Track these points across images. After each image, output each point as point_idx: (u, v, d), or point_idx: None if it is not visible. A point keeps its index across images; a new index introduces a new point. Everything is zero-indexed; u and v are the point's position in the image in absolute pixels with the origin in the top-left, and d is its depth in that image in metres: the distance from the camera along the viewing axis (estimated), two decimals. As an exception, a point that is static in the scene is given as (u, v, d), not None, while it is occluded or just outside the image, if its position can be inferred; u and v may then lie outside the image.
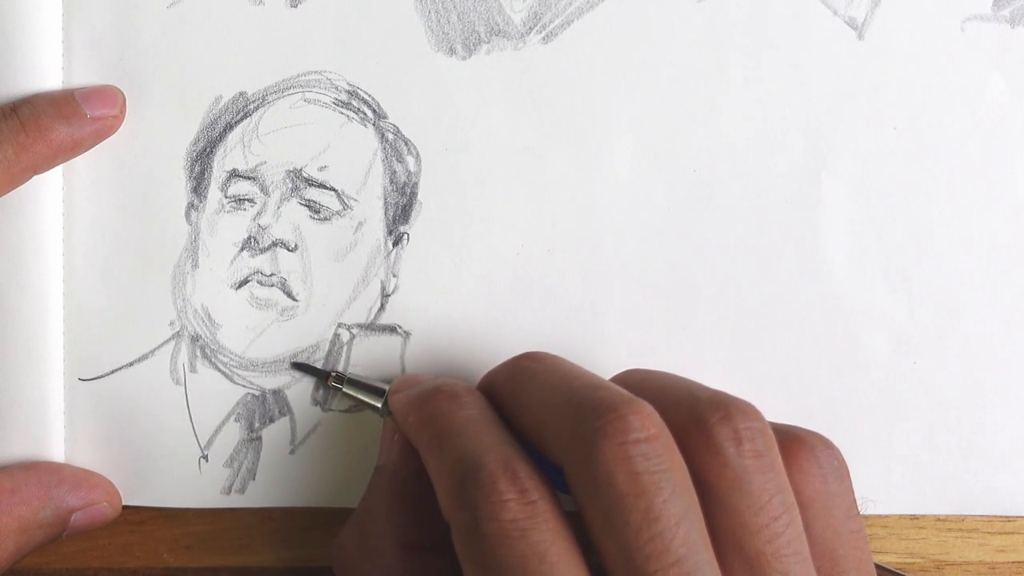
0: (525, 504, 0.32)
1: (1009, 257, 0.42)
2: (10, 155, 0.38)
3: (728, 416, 0.33)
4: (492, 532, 0.32)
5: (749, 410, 0.34)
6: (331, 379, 0.41)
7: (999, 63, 0.42)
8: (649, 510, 0.31)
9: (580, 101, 0.42)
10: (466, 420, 0.35)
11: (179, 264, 0.41)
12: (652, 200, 0.42)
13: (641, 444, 0.32)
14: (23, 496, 0.39)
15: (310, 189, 0.41)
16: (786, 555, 0.32)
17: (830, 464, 0.35)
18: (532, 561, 0.31)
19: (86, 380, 0.41)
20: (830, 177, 0.42)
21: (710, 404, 0.33)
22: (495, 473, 0.32)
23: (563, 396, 0.34)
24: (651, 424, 0.32)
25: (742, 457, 0.33)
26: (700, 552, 0.31)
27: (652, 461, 0.32)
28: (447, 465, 0.34)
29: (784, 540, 0.32)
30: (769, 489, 0.33)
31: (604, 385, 0.34)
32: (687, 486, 0.32)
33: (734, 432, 0.33)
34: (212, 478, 0.41)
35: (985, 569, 0.43)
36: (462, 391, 0.36)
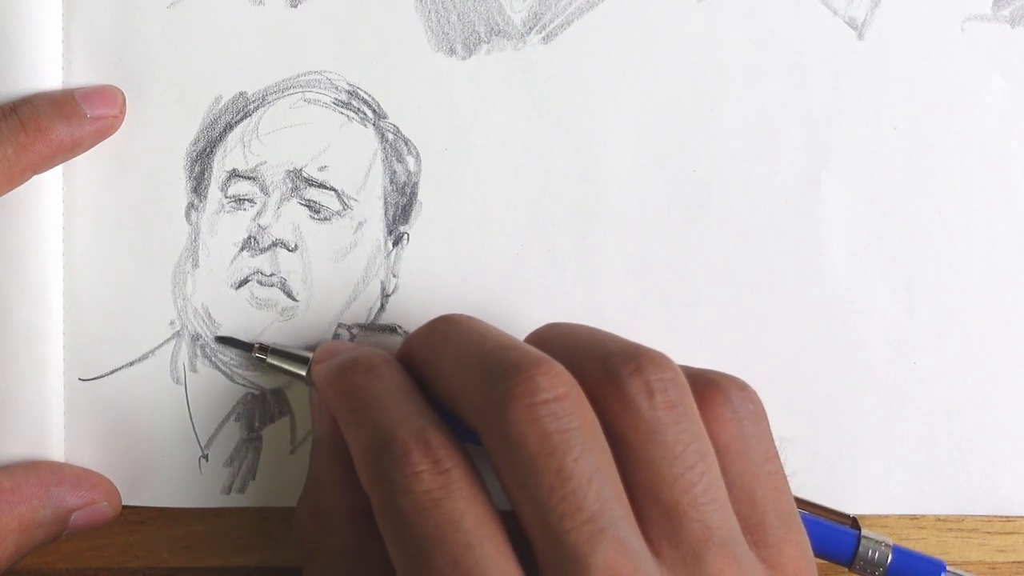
0: (438, 474, 0.32)
1: (1009, 257, 0.42)
2: (10, 155, 0.38)
3: (639, 368, 0.33)
4: (406, 504, 0.32)
5: (661, 360, 0.33)
6: (255, 350, 0.41)
7: (999, 63, 0.42)
8: (560, 469, 0.31)
9: (580, 101, 0.42)
10: (381, 392, 0.35)
11: (179, 264, 0.41)
12: (652, 200, 0.42)
13: (550, 404, 0.32)
14: (23, 495, 0.39)
15: (310, 189, 0.41)
16: (703, 503, 0.32)
17: (745, 407, 0.35)
18: (447, 530, 0.31)
19: (86, 380, 0.41)
20: (830, 177, 0.42)
21: (622, 357, 0.33)
22: (407, 445, 0.32)
23: (474, 359, 0.34)
24: (559, 383, 0.32)
25: (655, 409, 0.33)
26: (614, 507, 0.31)
27: (561, 420, 0.32)
28: (363, 439, 0.34)
29: (701, 488, 0.32)
30: (683, 439, 0.33)
31: (514, 345, 0.34)
32: (599, 442, 0.32)
33: (646, 384, 0.33)
34: (212, 478, 0.41)
35: (985, 569, 0.43)
36: (379, 362, 0.36)
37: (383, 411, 0.34)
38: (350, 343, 0.41)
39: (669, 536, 0.32)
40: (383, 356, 0.37)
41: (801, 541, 0.35)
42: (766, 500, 0.34)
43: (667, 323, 0.42)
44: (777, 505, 0.35)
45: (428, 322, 0.37)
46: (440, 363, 0.35)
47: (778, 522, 0.34)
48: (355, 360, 0.36)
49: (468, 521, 0.32)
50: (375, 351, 0.37)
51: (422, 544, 0.32)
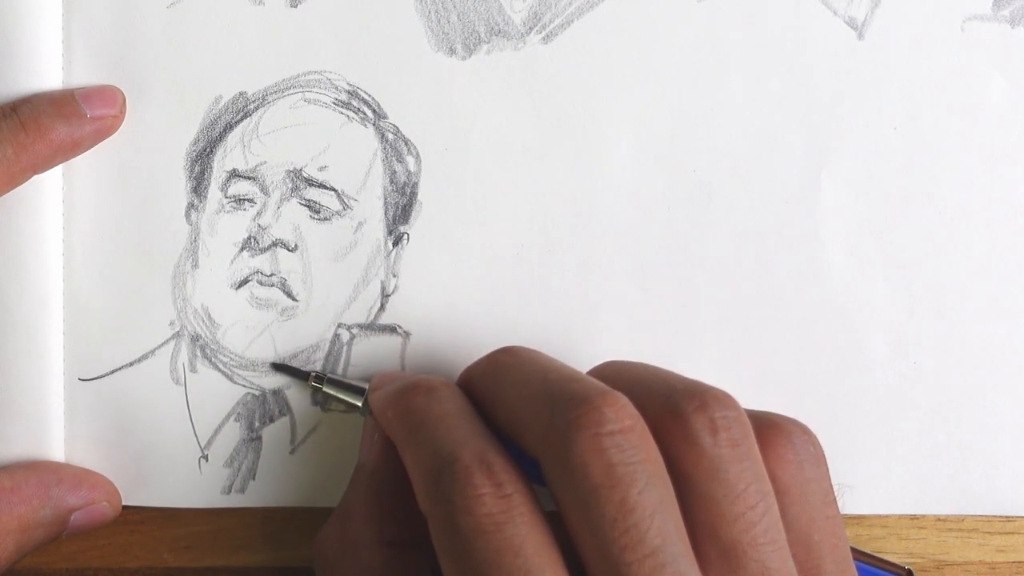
0: (500, 498, 0.32)
1: (1009, 257, 0.42)
2: (10, 154, 0.38)
3: (704, 405, 0.33)
4: (467, 526, 0.32)
5: (725, 399, 0.34)
6: (311, 380, 0.41)
7: (999, 63, 0.42)
8: (624, 501, 0.31)
9: (580, 101, 0.42)
10: (442, 414, 0.35)
11: (179, 264, 0.41)
12: (652, 200, 0.42)
13: (615, 436, 0.32)
14: (23, 495, 0.39)
15: (310, 189, 0.41)
16: (763, 544, 0.32)
17: (806, 450, 0.35)
18: (507, 555, 0.31)
19: (86, 380, 0.41)
20: (830, 177, 0.42)
21: (686, 394, 0.33)
22: (470, 467, 0.32)
23: (538, 389, 0.34)
24: (625, 415, 0.32)
25: (718, 446, 0.33)
26: (675, 543, 0.31)
27: (626, 453, 0.32)
28: (423, 459, 0.34)
29: (761, 529, 0.32)
30: (745, 478, 0.33)
31: (579, 377, 0.34)
32: (662, 477, 0.32)
33: (710, 421, 0.33)
34: (212, 478, 0.41)
35: (985, 569, 0.43)
36: (439, 385, 0.36)
37: (445, 432, 0.34)
38: (406, 372, 0.41)
39: (726, 575, 0.32)
40: (443, 381, 0.37)
41: None
42: (823, 545, 0.34)
43: (667, 323, 0.42)
44: (834, 551, 0.34)
45: (489, 353, 0.37)
46: (502, 392, 0.35)
47: (834, 568, 0.34)
48: (415, 383, 0.36)
49: (529, 547, 0.32)
50: (435, 377, 0.37)
51: (481, 567, 0.31)
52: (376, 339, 0.42)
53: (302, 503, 0.42)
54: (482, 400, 0.36)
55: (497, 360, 0.36)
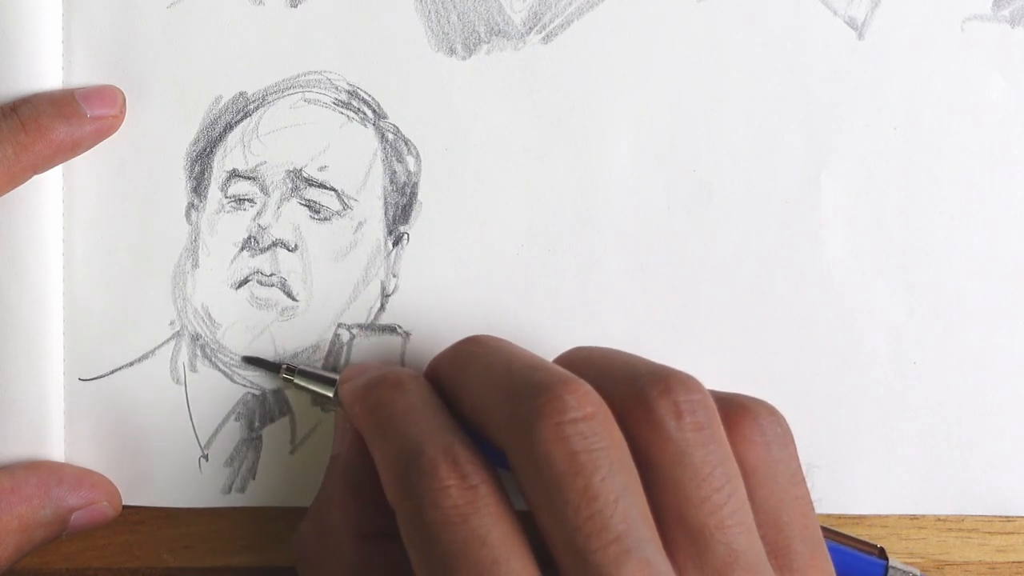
0: (466, 489, 0.32)
1: (1009, 257, 0.42)
2: (10, 154, 0.38)
3: (668, 389, 0.33)
4: (434, 519, 0.32)
5: (689, 382, 0.33)
6: (283, 371, 0.41)
7: (999, 63, 0.42)
8: (587, 489, 0.31)
9: (580, 101, 0.42)
10: (408, 407, 0.35)
11: (179, 264, 0.41)
12: (652, 200, 0.42)
13: (578, 423, 0.32)
14: (23, 495, 0.39)
15: (310, 189, 0.41)
16: (730, 526, 0.32)
17: (773, 431, 0.35)
18: (474, 545, 0.31)
19: (86, 380, 0.41)
20: (830, 177, 0.42)
21: (649, 378, 0.33)
22: (435, 459, 0.32)
23: (502, 379, 0.34)
24: (587, 403, 0.32)
25: (682, 430, 0.33)
26: (640, 528, 0.31)
27: (589, 440, 0.32)
28: (390, 453, 0.34)
29: (727, 511, 0.32)
30: (711, 461, 0.33)
31: (542, 366, 0.34)
32: (626, 463, 0.32)
33: (674, 405, 0.33)
34: (212, 478, 0.42)
35: (985, 569, 0.43)
36: (406, 378, 0.36)
37: (410, 426, 0.34)
38: (376, 363, 0.41)
39: (695, 558, 0.32)
40: (410, 373, 0.37)
41: (826, 567, 0.35)
42: (792, 525, 0.34)
43: (667, 323, 0.42)
44: (803, 531, 0.34)
45: (455, 343, 0.37)
46: (467, 382, 0.35)
47: (803, 548, 0.34)
48: (383, 376, 0.36)
49: (495, 537, 0.32)
50: (402, 369, 0.37)
51: (448, 559, 0.32)
52: (376, 339, 0.42)
53: (302, 503, 0.42)
54: (448, 391, 0.36)
55: (462, 350, 0.36)
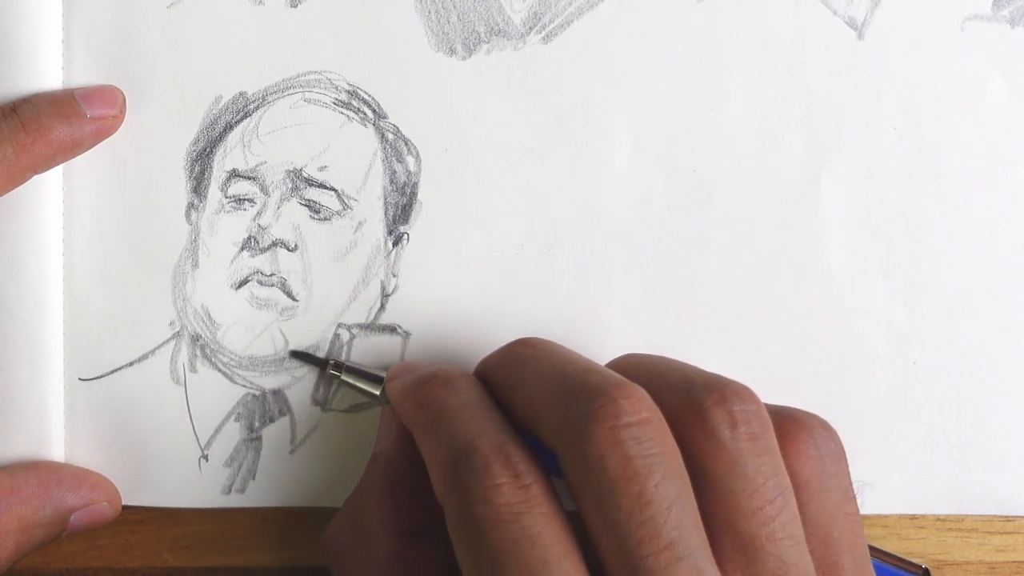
0: (518, 488, 0.32)
1: (1009, 257, 0.42)
2: (10, 154, 0.38)
3: (723, 399, 0.33)
4: (485, 516, 0.32)
5: (744, 392, 0.33)
6: (329, 367, 0.41)
7: (999, 63, 0.42)
8: (641, 494, 0.31)
9: (580, 101, 0.42)
10: (460, 405, 0.35)
11: (179, 264, 0.41)
12: (652, 200, 0.42)
13: (632, 428, 0.32)
14: (23, 495, 0.39)
15: (310, 189, 0.41)
16: (780, 538, 0.32)
17: (827, 446, 0.35)
18: (525, 544, 0.31)
19: (86, 380, 0.41)
20: (830, 177, 0.42)
21: (705, 387, 0.33)
22: (488, 457, 0.32)
23: (556, 381, 0.34)
24: (643, 408, 0.32)
25: (737, 440, 0.33)
26: (692, 536, 0.31)
27: (643, 445, 0.32)
28: (441, 449, 0.34)
29: (779, 523, 0.32)
30: (764, 472, 0.33)
31: (597, 369, 0.34)
32: (679, 470, 0.32)
33: (729, 415, 0.33)
34: (212, 478, 0.41)
35: (985, 569, 0.43)
36: (457, 376, 0.36)
37: (463, 422, 0.34)
38: (424, 363, 0.41)
39: (744, 568, 0.32)
40: (461, 372, 0.37)
41: None
42: (842, 541, 0.34)
43: (667, 323, 0.42)
44: (852, 547, 0.34)
45: (505, 345, 0.37)
46: (520, 384, 0.35)
47: (851, 565, 0.34)
48: (433, 374, 0.36)
49: (546, 537, 0.32)
50: (453, 368, 0.37)
51: (498, 557, 0.31)
52: (376, 339, 0.42)
53: (302, 503, 0.42)
54: (499, 392, 0.36)
55: (514, 352, 0.36)
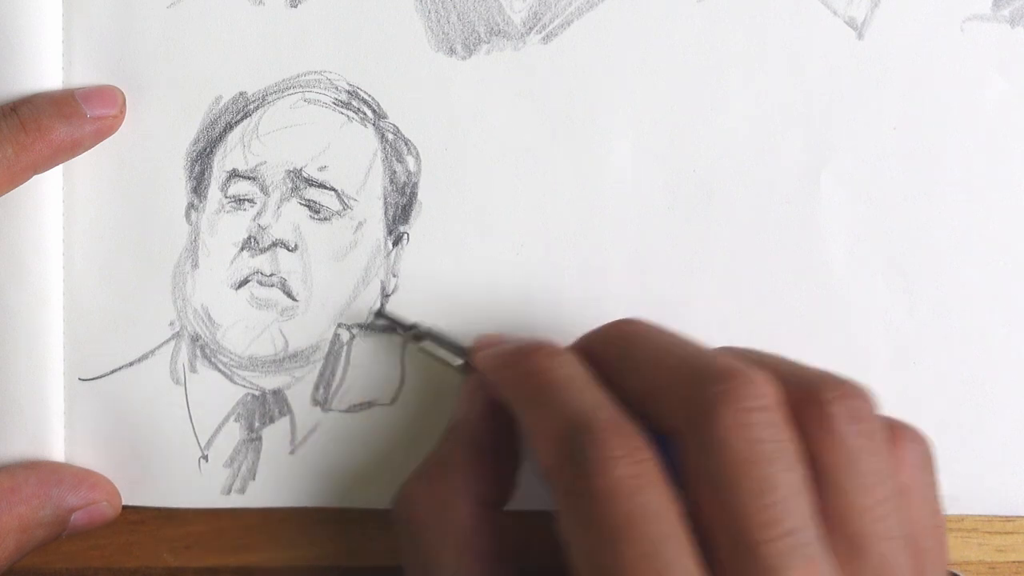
0: (635, 463, 0.32)
1: (1009, 257, 0.42)
2: (10, 154, 0.38)
3: (844, 395, 0.33)
4: (601, 488, 0.31)
5: (863, 391, 0.33)
6: (412, 332, 0.40)
7: (999, 63, 0.42)
8: (767, 478, 0.31)
9: (580, 101, 0.42)
10: (568, 377, 0.34)
11: (179, 264, 0.41)
12: (652, 200, 0.42)
13: (761, 412, 0.31)
14: (23, 495, 0.39)
15: (310, 189, 0.41)
16: (888, 539, 0.32)
17: (926, 455, 0.35)
18: (641, 521, 0.31)
19: (86, 380, 0.41)
20: (830, 177, 0.42)
21: (825, 381, 0.33)
22: (607, 429, 0.32)
23: (676, 360, 0.33)
24: (771, 392, 0.32)
25: (855, 436, 0.33)
26: (811, 526, 0.31)
27: (771, 430, 0.31)
28: (551, 421, 0.33)
29: (890, 523, 0.32)
30: (878, 471, 0.33)
31: (717, 352, 0.34)
32: (801, 460, 0.32)
33: (849, 411, 0.33)
34: (212, 478, 0.41)
35: (985, 569, 0.43)
36: (562, 349, 0.36)
37: (574, 395, 0.33)
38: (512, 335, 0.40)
39: (849, 564, 0.32)
40: (561, 345, 0.36)
41: None
42: (930, 552, 0.34)
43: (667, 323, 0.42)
44: (938, 559, 0.34)
45: (609, 323, 0.36)
46: (631, 361, 0.35)
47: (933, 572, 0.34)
48: (539, 345, 0.36)
49: (664, 513, 0.31)
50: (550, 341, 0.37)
51: (616, 531, 0.31)
52: (376, 339, 0.42)
53: (302, 503, 0.42)
54: (606, 368, 0.35)
55: (623, 329, 0.36)
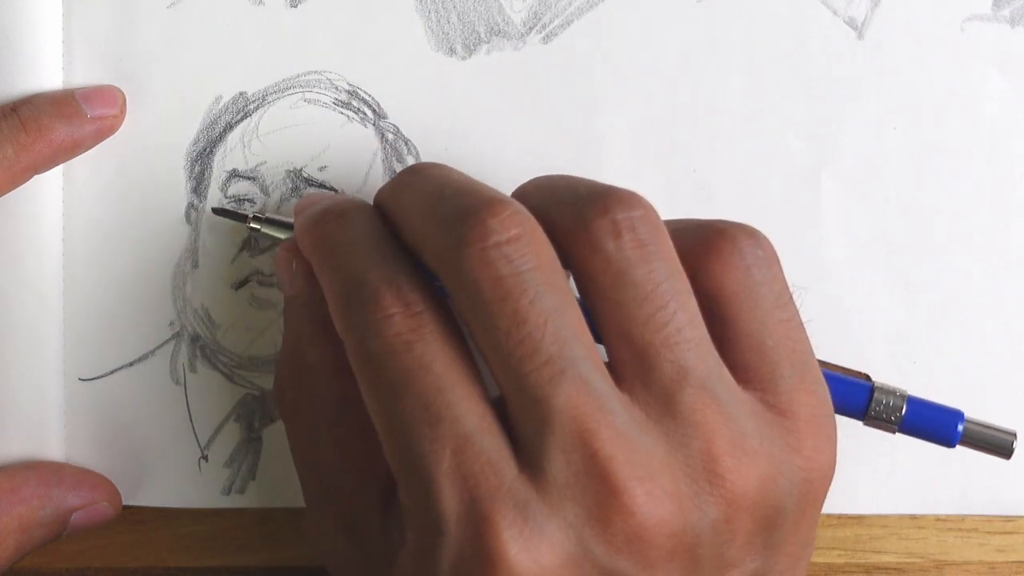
0: (409, 317, 0.32)
1: (1009, 257, 0.42)
2: (10, 154, 0.38)
3: (605, 208, 0.32)
4: (377, 348, 0.32)
5: (629, 198, 0.33)
6: (250, 220, 0.39)
7: (999, 63, 0.42)
8: (516, 313, 0.31)
9: (580, 101, 0.42)
10: (352, 238, 0.34)
11: (179, 264, 0.41)
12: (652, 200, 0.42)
13: (502, 247, 0.31)
14: (23, 495, 0.39)
15: (310, 189, 0.41)
16: (676, 343, 0.32)
17: (754, 254, 0.34)
18: (418, 373, 0.31)
19: (86, 380, 0.41)
20: (830, 177, 0.42)
21: (588, 199, 0.33)
22: (378, 288, 0.32)
23: (433, 206, 0.33)
24: (512, 224, 0.32)
25: (622, 249, 0.32)
26: (573, 348, 0.31)
27: (515, 263, 0.31)
28: (335, 285, 0.33)
29: (673, 328, 0.32)
30: (654, 278, 0.32)
31: (471, 190, 0.33)
32: (556, 283, 0.32)
33: (612, 224, 0.32)
34: (212, 478, 0.41)
35: (985, 569, 0.43)
36: (351, 208, 0.35)
37: (354, 256, 0.34)
38: (330, 193, 0.40)
39: (642, 377, 0.32)
40: (357, 203, 0.36)
41: (818, 390, 0.34)
42: (778, 349, 0.34)
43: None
44: (790, 354, 0.34)
45: (398, 173, 0.36)
46: (404, 213, 0.34)
47: (791, 371, 0.33)
48: (328, 208, 0.36)
49: (440, 364, 0.31)
50: (349, 198, 0.36)
51: (393, 387, 0.31)
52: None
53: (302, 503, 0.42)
54: (391, 222, 0.35)
55: (402, 180, 0.36)
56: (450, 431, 0.31)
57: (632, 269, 0.32)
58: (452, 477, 0.31)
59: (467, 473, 0.31)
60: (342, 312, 0.33)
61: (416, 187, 0.35)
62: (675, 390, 0.32)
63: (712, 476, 0.32)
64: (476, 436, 0.31)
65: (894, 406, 0.37)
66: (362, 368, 0.32)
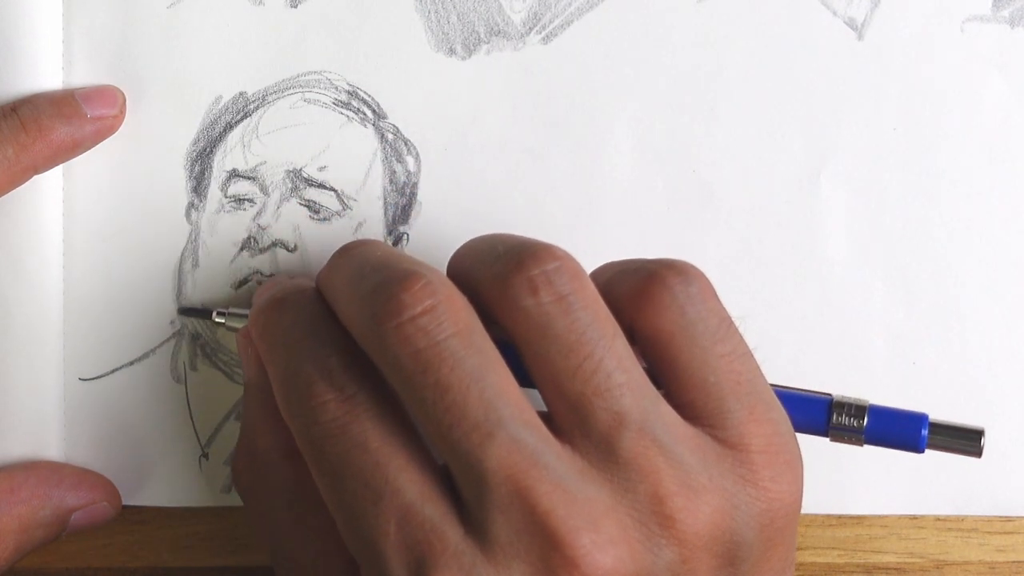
0: (342, 401, 0.33)
1: (1009, 257, 0.42)
2: (10, 155, 0.38)
3: (520, 266, 0.32)
4: (317, 435, 0.33)
5: (543, 253, 0.33)
6: (214, 316, 0.40)
7: (999, 63, 0.42)
8: (438, 383, 0.31)
9: (580, 101, 0.42)
10: (289, 326, 0.35)
11: (179, 264, 0.41)
12: (652, 200, 0.42)
13: (417, 320, 0.32)
14: (23, 496, 0.39)
15: (310, 189, 0.41)
16: (606, 389, 0.32)
17: (685, 292, 0.34)
18: (355, 453, 0.32)
19: (86, 380, 0.41)
20: (830, 177, 0.42)
21: (504, 258, 0.33)
22: (311, 377, 0.33)
23: (355, 286, 0.34)
24: (424, 295, 0.32)
25: (540, 304, 0.32)
26: (500, 409, 0.31)
27: (431, 334, 0.31)
28: (277, 376, 0.34)
29: (602, 375, 0.32)
30: (576, 328, 0.32)
31: (387, 265, 0.33)
32: (476, 346, 0.32)
33: (528, 281, 0.32)
34: (212, 477, 0.42)
35: (985, 569, 0.43)
36: (289, 296, 0.36)
37: (291, 346, 0.34)
38: (284, 279, 0.40)
39: (580, 427, 0.32)
40: (300, 289, 0.36)
41: (772, 417, 0.34)
42: (720, 384, 0.33)
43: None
44: (735, 387, 0.33)
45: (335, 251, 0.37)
46: (334, 294, 0.35)
47: (737, 404, 0.33)
48: (272, 296, 0.36)
49: (375, 441, 0.32)
50: (297, 284, 0.37)
51: (335, 469, 0.32)
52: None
53: (302, 503, 0.42)
54: (328, 303, 0.35)
55: (331, 262, 0.36)
56: (392, 504, 0.31)
57: (553, 322, 0.32)
58: (398, 548, 0.31)
59: (412, 542, 0.31)
60: (283, 401, 0.34)
61: (342, 268, 0.35)
62: (614, 437, 0.32)
63: (662, 518, 0.32)
64: (418, 504, 0.31)
65: (855, 416, 0.36)
66: (307, 453, 0.33)
